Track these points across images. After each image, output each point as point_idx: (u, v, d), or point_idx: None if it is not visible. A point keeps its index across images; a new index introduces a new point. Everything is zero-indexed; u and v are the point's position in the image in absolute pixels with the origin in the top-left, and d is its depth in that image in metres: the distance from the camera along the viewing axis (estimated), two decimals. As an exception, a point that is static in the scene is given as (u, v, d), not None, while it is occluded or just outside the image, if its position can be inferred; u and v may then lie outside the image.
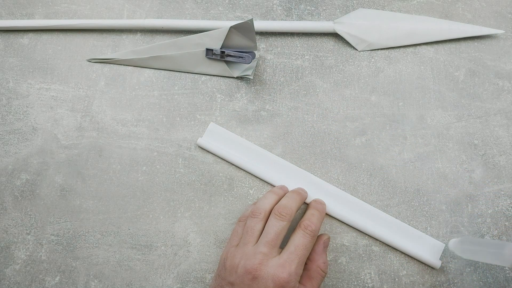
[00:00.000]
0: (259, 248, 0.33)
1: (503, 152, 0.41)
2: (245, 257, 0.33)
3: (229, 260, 0.33)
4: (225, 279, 0.33)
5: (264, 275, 0.31)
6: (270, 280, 0.31)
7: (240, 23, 0.40)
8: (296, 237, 0.34)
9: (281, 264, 0.32)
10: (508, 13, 0.46)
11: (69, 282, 0.39)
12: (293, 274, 0.32)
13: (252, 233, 0.34)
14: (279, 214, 0.34)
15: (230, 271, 0.33)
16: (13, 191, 0.41)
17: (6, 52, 0.45)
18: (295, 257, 0.32)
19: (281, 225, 0.34)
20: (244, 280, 0.32)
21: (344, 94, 0.43)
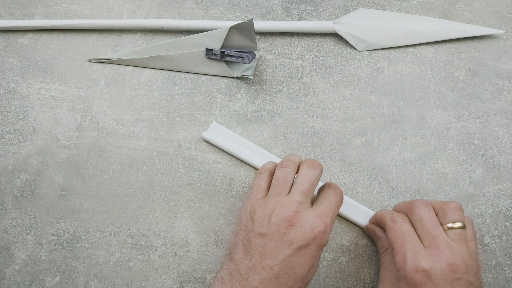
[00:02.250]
0: (294, 197, 0.32)
1: (503, 152, 0.41)
2: (279, 206, 0.31)
3: (259, 212, 0.32)
4: (253, 231, 0.31)
5: (303, 222, 0.30)
6: (309, 228, 0.30)
7: (240, 23, 0.40)
8: (329, 194, 0.33)
9: (318, 214, 0.31)
10: (508, 13, 0.46)
11: (69, 282, 0.39)
12: (328, 226, 0.31)
13: (284, 183, 0.33)
14: (312, 164, 0.33)
15: (260, 222, 0.31)
16: (13, 191, 0.41)
17: (6, 52, 0.45)
18: (330, 211, 0.32)
19: (315, 174, 0.33)
20: (279, 228, 0.30)
21: (344, 94, 0.43)
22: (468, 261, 0.31)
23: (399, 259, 0.32)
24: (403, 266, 0.31)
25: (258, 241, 0.31)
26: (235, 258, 0.32)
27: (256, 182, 0.35)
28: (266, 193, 0.34)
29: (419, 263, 0.30)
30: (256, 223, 0.32)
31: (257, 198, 0.33)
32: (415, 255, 0.31)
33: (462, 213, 0.33)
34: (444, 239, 0.31)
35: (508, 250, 0.39)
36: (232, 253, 0.33)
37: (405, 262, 0.31)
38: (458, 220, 0.32)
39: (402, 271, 0.31)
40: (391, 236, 0.33)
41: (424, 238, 0.32)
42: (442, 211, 0.33)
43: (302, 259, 0.31)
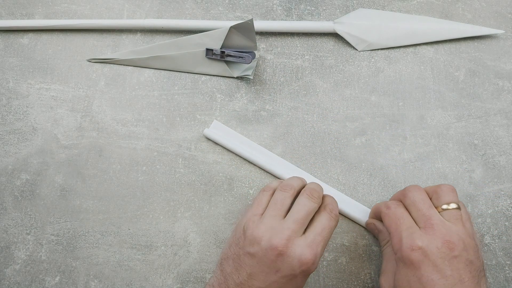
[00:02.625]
0: (288, 224, 0.31)
1: (503, 152, 0.41)
2: (272, 231, 0.31)
3: (252, 230, 0.32)
4: (243, 249, 0.32)
5: (291, 253, 0.30)
6: (297, 259, 0.30)
7: (240, 23, 0.40)
8: (322, 219, 0.33)
9: (308, 244, 0.31)
10: (508, 13, 0.46)
11: (69, 282, 0.39)
12: (318, 256, 0.31)
13: (281, 207, 0.33)
14: (311, 195, 0.33)
15: (251, 241, 0.31)
16: (13, 191, 0.41)
17: (6, 52, 0.45)
18: (322, 239, 0.32)
19: (312, 206, 0.33)
20: (268, 254, 0.30)
21: (344, 94, 0.43)
22: (466, 240, 0.31)
23: (395, 242, 0.32)
24: (400, 247, 0.31)
25: (247, 260, 0.32)
26: (225, 270, 0.33)
27: (258, 198, 0.35)
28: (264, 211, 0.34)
29: (415, 242, 0.30)
30: (247, 241, 0.32)
31: (254, 214, 0.33)
32: (410, 235, 0.31)
33: (455, 194, 0.33)
34: (439, 219, 0.32)
35: (508, 250, 0.39)
36: (223, 265, 0.34)
37: (401, 243, 0.31)
38: (452, 201, 0.33)
39: (399, 253, 0.31)
40: (387, 222, 0.33)
41: (419, 220, 0.32)
42: (435, 194, 0.33)
43: (288, 285, 0.31)
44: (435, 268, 0.30)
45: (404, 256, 0.30)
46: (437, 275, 0.30)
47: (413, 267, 0.30)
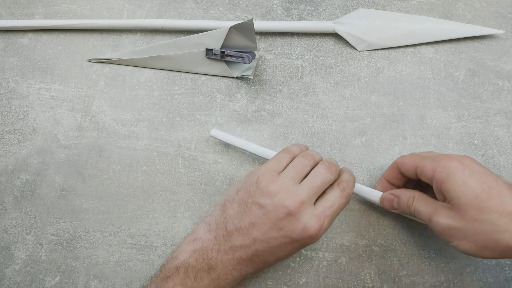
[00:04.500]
0: (303, 189, 0.32)
1: (503, 152, 0.41)
2: (286, 190, 0.31)
3: (267, 183, 0.32)
4: (253, 198, 0.32)
5: (299, 217, 0.31)
6: (302, 225, 0.30)
7: (240, 23, 0.40)
8: (335, 194, 0.33)
9: (316, 214, 0.31)
10: (508, 13, 0.46)
11: (69, 282, 0.39)
12: (323, 229, 0.31)
13: (300, 171, 0.33)
14: (329, 166, 0.33)
15: (264, 193, 0.31)
16: (13, 191, 0.41)
17: (6, 52, 0.45)
18: (330, 213, 0.32)
19: (328, 177, 0.33)
20: (277, 210, 0.31)
21: (344, 94, 0.43)
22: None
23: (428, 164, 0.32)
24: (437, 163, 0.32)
25: (254, 209, 0.32)
26: (227, 212, 0.33)
27: (278, 157, 0.35)
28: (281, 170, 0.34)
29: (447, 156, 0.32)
30: (259, 192, 0.32)
31: (271, 169, 0.33)
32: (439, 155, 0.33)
33: None
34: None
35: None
36: (226, 206, 0.33)
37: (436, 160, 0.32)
38: None
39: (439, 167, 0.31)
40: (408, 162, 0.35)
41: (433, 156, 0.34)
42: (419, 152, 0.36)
43: (285, 246, 0.31)
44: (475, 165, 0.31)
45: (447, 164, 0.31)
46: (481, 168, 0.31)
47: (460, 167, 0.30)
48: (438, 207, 0.32)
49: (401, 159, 0.35)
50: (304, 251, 0.39)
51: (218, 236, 0.32)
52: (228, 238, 0.32)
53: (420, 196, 0.34)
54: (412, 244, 0.39)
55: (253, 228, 0.31)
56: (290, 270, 0.39)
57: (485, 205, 0.29)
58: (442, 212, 0.31)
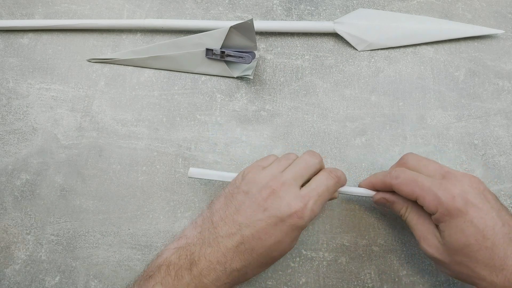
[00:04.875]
0: (286, 173, 0.32)
1: (503, 152, 0.41)
2: (271, 177, 0.32)
3: (253, 174, 0.33)
4: (239, 188, 0.32)
5: (282, 195, 0.31)
6: (286, 203, 0.30)
7: (240, 23, 0.40)
8: (320, 177, 0.33)
9: (299, 195, 0.31)
10: (508, 13, 0.46)
11: (69, 282, 0.39)
12: (308, 210, 0.30)
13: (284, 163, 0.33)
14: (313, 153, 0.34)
15: (248, 181, 0.32)
16: (13, 191, 0.41)
17: (6, 52, 0.45)
18: (315, 194, 0.31)
19: (312, 161, 0.33)
20: (261, 192, 0.31)
21: (344, 94, 0.43)
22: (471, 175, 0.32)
23: (430, 200, 0.31)
24: (439, 202, 0.30)
25: (239, 196, 0.32)
26: (214, 207, 0.33)
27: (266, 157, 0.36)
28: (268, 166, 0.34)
29: (451, 191, 0.30)
30: (244, 181, 0.32)
31: (258, 164, 0.34)
32: (442, 188, 0.30)
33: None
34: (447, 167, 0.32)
35: (508, 250, 0.39)
36: (213, 203, 0.34)
37: (438, 198, 0.30)
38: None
39: (441, 208, 0.30)
40: (405, 189, 0.32)
41: (435, 174, 0.32)
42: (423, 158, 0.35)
43: (271, 229, 0.30)
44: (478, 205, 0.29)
45: (450, 208, 0.29)
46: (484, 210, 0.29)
47: (462, 214, 0.29)
48: (429, 232, 0.32)
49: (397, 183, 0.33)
50: (304, 251, 0.39)
51: (203, 230, 0.32)
52: (213, 230, 0.31)
53: (413, 209, 0.34)
54: (412, 244, 0.39)
55: (238, 214, 0.31)
56: (290, 270, 0.39)
57: (474, 255, 0.29)
58: (431, 241, 0.32)
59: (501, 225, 0.29)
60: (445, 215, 0.30)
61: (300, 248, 0.39)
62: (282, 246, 0.31)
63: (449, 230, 0.30)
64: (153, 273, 0.30)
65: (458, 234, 0.29)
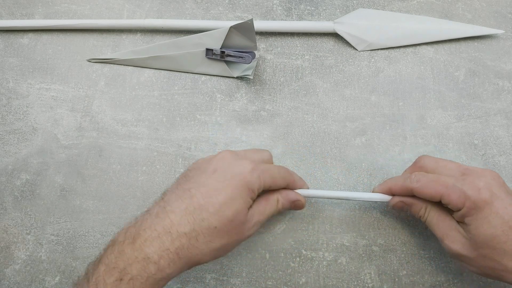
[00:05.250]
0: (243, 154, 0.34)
1: (503, 152, 0.41)
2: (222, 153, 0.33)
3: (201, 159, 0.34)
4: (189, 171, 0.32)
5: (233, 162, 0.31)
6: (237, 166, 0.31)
7: (240, 23, 0.40)
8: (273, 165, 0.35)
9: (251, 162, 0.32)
10: (508, 13, 0.46)
11: (69, 282, 0.39)
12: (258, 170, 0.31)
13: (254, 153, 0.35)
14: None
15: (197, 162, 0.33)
16: (13, 191, 0.41)
17: (6, 52, 0.45)
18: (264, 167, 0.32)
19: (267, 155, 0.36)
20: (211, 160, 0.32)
21: (344, 94, 0.43)
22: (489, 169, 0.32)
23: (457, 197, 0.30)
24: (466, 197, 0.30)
25: (190, 172, 0.32)
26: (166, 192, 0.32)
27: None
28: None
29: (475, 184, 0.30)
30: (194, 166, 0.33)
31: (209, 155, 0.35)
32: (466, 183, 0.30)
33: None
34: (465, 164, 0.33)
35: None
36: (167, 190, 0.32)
37: (464, 192, 0.30)
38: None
39: (468, 202, 0.30)
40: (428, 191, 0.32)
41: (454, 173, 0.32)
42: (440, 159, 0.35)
43: (221, 186, 0.30)
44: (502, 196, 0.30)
45: (477, 200, 0.30)
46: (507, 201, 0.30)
47: (488, 206, 0.29)
48: (452, 229, 0.32)
49: (419, 186, 0.32)
50: (304, 251, 0.39)
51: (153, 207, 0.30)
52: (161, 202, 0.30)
53: (433, 208, 0.33)
54: (412, 244, 0.39)
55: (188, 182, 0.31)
56: (290, 270, 0.39)
57: (501, 247, 0.29)
58: (455, 238, 0.31)
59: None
60: (472, 208, 0.30)
61: (300, 248, 0.39)
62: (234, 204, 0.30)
63: (476, 222, 0.30)
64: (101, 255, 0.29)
65: (485, 226, 0.29)
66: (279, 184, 0.34)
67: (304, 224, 0.40)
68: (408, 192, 0.34)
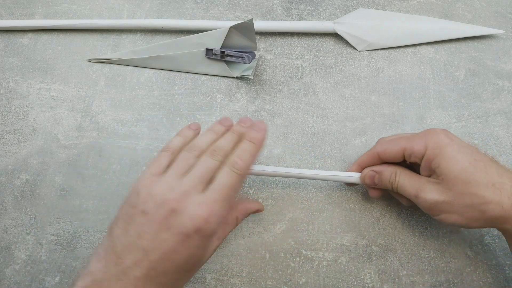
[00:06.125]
0: (185, 180, 0.29)
1: (503, 152, 0.41)
2: (168, 188, 0.29)
3: (147, 188, 0.29)
4: (136, 207, 0.29)
5: (184, 209, 0.28)
6: (189, 218, 0.28)
7: (240, 23, 0.40)
8: (221, 175, 0.30)
9: (203, 201, 0.28)
10: (508, 13, 0.46)
11: (69, 282, 0.39)
12: (214, 215, 0.28)
13: (183, 166, 0.30)
14: (213, 152, 0.31)
15: (145, 198, 0.28)
16: (13, 191, 0.41)
17: (6, 52, 0.45)
18: (219, 196, 0.29)
19: (212, 164, 0.30)
20: (160, 210, 0.28)
21: (344, 94, 0.43)
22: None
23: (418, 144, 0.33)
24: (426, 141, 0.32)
25: (138, 218, 0.28)
26: (114, 233, 0.29)
27: (156, 158, 0.32)
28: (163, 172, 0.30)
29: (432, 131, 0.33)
30: (141, 199, 0.29)
31: (151, 173, 0.30)
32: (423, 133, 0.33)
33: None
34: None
35: (508, 250, 0.39)
36: (113, 229, 0.30)
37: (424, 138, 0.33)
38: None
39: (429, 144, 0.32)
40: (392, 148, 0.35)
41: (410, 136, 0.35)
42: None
43: (180, 247, 0.28)
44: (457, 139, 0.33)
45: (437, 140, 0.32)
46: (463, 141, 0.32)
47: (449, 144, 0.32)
48: (423, 182, 0.33)
49: (382, 148, 0.35)
50: (304, 251, 0.39)
51: (108, 263, 0.28)
52: (118, 261, 0.28)
53: (403, 171, 0.35)
54: (412, 244, 0.39)
55: (141, 239, 0.28)
56: (290, 270, 0.39)
57: (473, 178, 0.30)
58: (429, 187, 0.32)
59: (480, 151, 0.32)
60: (435, 148, 0.31)
61: (300, 248, 0.39)
62: (196, 258, 0.29)
63: (443, 162, 0.31)
64: None
65: (452, 161, 0.31)
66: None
67: (304, 224, 0.40)
68: (376, 160, 0.36)
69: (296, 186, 0.41)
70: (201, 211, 0.28)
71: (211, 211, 0.28)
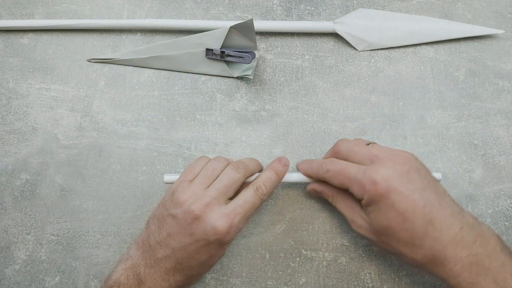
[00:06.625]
0: (210, 191, 0.33)
1: (503, 152, 0.41)
2: (194, 196, 0.33)
3: (178, 194, 0.34)
4: (168, 210, 0.34)
5: (206, 219, 0.32)
6: (211, 226, 0.32)
7: (240, 23, 0.40)
8: (247, 193, 0.34)
9: (226, 213, 0.32)
10: (508, 13, 0.46)
11: (69, 282, 0.39)
12: (233, 227, 0.32)
13: (210, 175, 0.35)
14: (236, 166, 0.35)
15: (176, 204, 0.33)
16: (13, 191, 0.41)
17: (6, 52, 0.45)
18: (241, 211, 0.33)
19: (236, 176, 0.34)
20: (186, 217, 0.32)
21: (344, 94, 0.43)
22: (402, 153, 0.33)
23: (358, 189, 0.32)
24: (364, 190, 0.32)
25: (169, 220, 0.33)
26: (150, 228, 0.35)
27: (192, 165, 0.36)
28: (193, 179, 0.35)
29: (372, 178, 0.31)
30: (173, 204, 0.33)
31: (184, 179, 0.35)
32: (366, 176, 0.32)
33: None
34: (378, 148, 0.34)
35: (508, 250, 0.39)
36: (149, 224, 0.35)
37: (363, 186, 0.32)
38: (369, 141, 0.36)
39: (367, 195, 0.32)
40: (335, 180, 0.34)
41: (364, 160, 0.33)
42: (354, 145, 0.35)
43: (201, 250, 0.33)
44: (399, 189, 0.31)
45: (373, 195, 0.31)
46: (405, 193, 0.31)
47: (383, 199, 0.31)
48: (357, 215, 0.35)
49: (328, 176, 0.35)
50: (304, 251, 0.39)
51: (144, 252, 0.34)
52: (152, 252, 0.33)
53: (339, 197, 0.36)
54: (412, 244, 0.39)
55: (170, 239, 0.33)
56: (290, 270, 0.39)
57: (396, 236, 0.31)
58: (360, 223, 0.34)
59: (422, 206, 0.30)
60: (370, 200, 0.32)
61: (300, 248, 0.39)
62: (215, 258, 0.34)
63: (374, 213, 0.32)
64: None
65: (381, 217, 0.32)
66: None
67: (304, 224, 0.40)
68: (322, 179, 0.36)
69: (296, 186, 0.41)
70: (223, 222, 0.32)
71: (231, 224, 0.32)
